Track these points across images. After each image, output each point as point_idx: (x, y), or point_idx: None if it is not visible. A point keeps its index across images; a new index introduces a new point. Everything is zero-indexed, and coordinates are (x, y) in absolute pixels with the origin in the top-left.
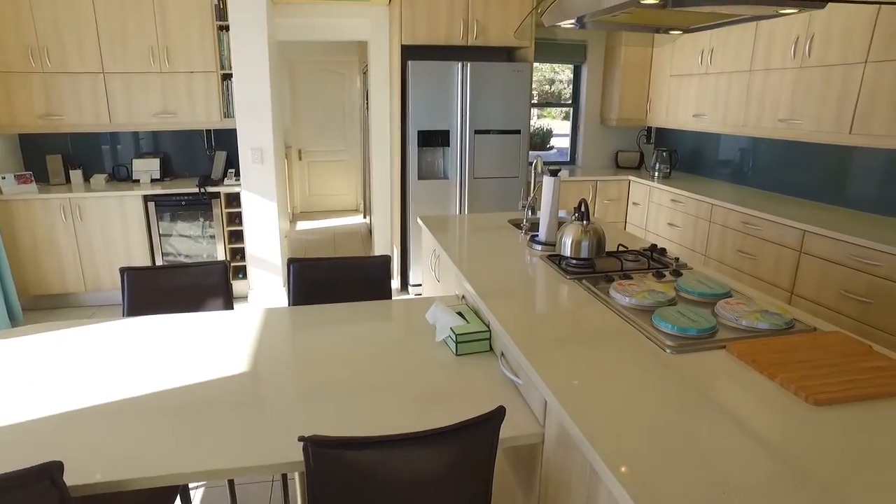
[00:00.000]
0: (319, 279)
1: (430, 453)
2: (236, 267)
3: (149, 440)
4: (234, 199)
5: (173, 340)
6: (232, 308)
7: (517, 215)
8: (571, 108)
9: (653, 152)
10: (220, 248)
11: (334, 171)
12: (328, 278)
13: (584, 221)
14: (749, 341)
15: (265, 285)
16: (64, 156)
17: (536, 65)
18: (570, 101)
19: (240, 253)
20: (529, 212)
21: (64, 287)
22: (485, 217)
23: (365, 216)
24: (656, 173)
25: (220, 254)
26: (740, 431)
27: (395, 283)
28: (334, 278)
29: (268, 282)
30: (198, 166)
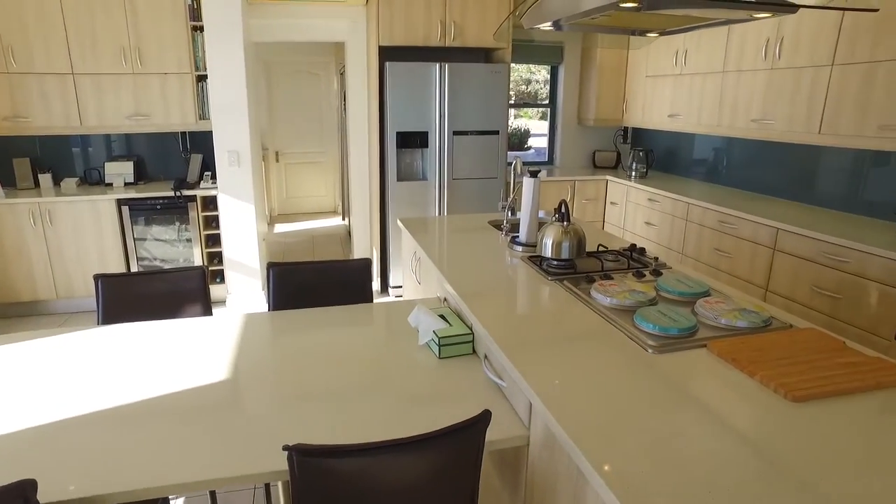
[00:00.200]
0: (300, 283)
1: (417, 459)
2: (214, 271)
3: (126, 453)
4: (210, 203)
5: (150, 348)
6: (211, 314)
7: (497, 216)
8: (549, 109)
9: (629, 152)
10: (196, 252)
11: (312, 173)
12: (309, 282)
13: (565, 222)
14: (729, 340)
15: (243, 289)
16: (32, 159)
17: (513, 65)
18: (547, 102)
19: (217, 257)
20: (509, 213)
21: (34, 294)
22: (465, 218)
23: (344, 218)
24: (633, 173)
25: (197, 258)
26: (724, 430)
27: (376, 285)
28: (315, 282)
29: (246, 286)
30: (173, 169)
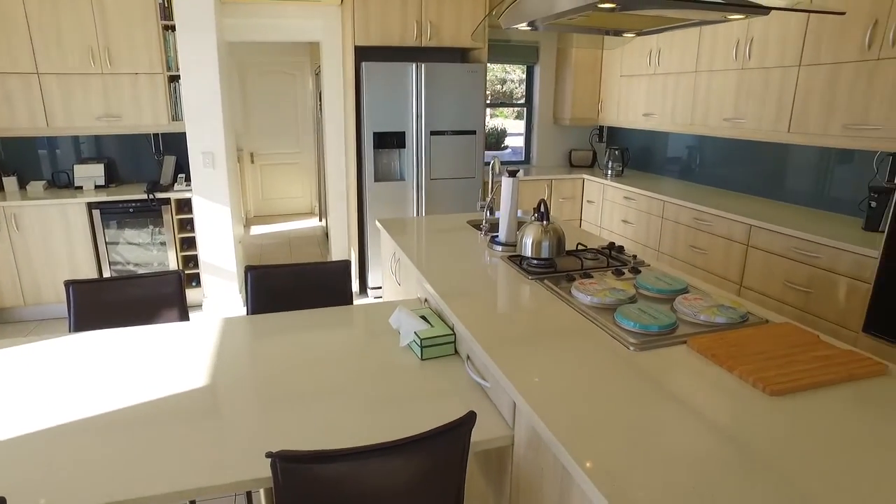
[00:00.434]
0: (278, 286)
1: (402, 463)
2: (189, 274)
3: (100, 464)
4: (185, 205)
5: (125, 356)
6: (188, 319)
7: (476, 216)
8: (525, 108)
9: (605, 151)
10: (171, 255)
11: (288, 175)
12: (287, 285)
13: (544, 221)
14: (708, 336)
15: (220, 293)
16: None
17: (489, 65)
18: (522, 101)
19: (192, 260)
20: (488, 212)
21: (0, 302)
22: (443, 218)
23: (321, 219)
24: (609, 171)
25: (172, 261)
26: (705, 425)
27: (354, 286)
28: (293, 285)
29: (223, 289)
30: (145, 171)
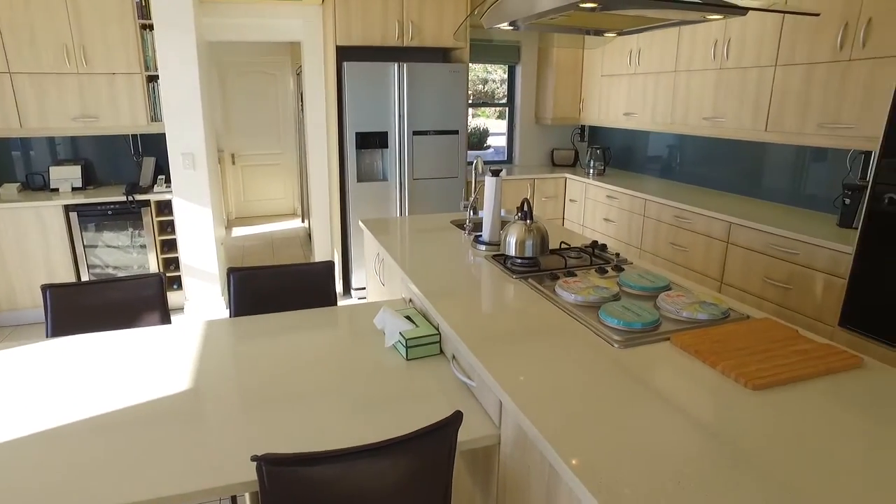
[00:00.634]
0: (261, 288)
1: (389, 463)
2: (170, 277)
3: (81, 471)
4: (165, 207)
5: (105, 360)
6: (169, 322)
7: (459, 216)
8: (507, 108)
9: (587, 150)
10: (151, 258)
11: (270, 175)
12: (270, 287)
13: (528, 220)
14: (690, 332)
15: (202, 295)
16: None
17: (471, 65)
18: (504, 101)
19: (173, 263)
20: (472, 212)
21: None
22: (427, 218)
23: (303, 220)
24: (591, 170)
25: (153, 264)
26: (689, 420)
27: (338, 287)
28: (277, 286)
29: (205, 291)
30: (124, 173)
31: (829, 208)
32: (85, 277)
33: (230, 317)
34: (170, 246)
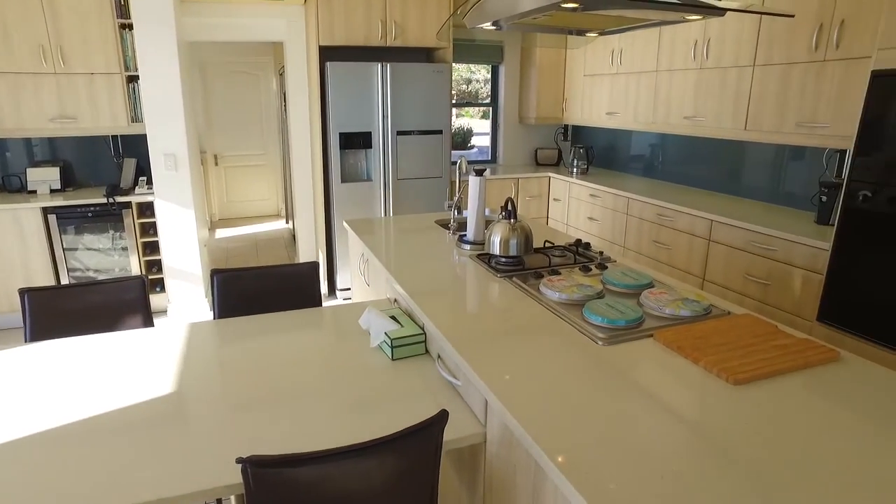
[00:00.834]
0: (246, 290)
1: (375, 463)
2: (153, 280)
3: (63, 476)
4: (147, 209)
5: (87, 364)
6: (152, 325)
7: (443, 216)
8: (491, 108)
9: (570, 149)
10: (133, 260)
11: (253, 176)
12: (255, 288)
13: (512, 219)
14: (673, 328)
15: (185, 298)
16: None
17: (454, 65)
18: (488, 101)
19: (156, 265)
20: (456, 212)
21: None
22: (411, 218)
23: (287, 221)
24: (574, 169)
25: (135, 267)
26: (673, 416)
27: (323, 288)
28: (261, 288)
29: (188, 294)
30: (104, 174)
31: (807, 206)
32: (65, 281)
33: (214, 319)
34: (152, 248)
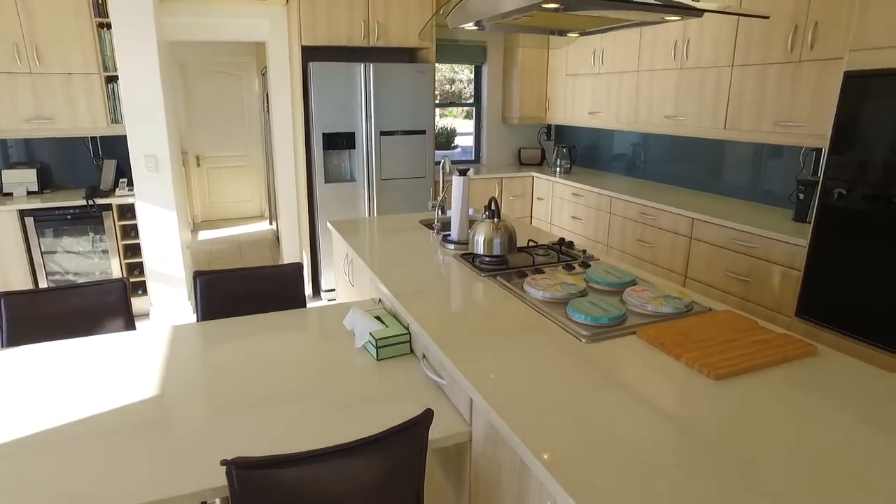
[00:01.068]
0: (229, 291)
1: (361, 463)
2: (135, 282)
3: (45, 482)
4: (128, 211)
5: (67, 369)
6: (134, 328)
7: (427, 216)
8: (474, 108)
9: (553, 149)
10: (114, 263)
11: (236, 177)
12: (238, 290)
13: (495, 219)
14: (656, 325)
15: (168, 300)
16: None
17: (437, 65)
18: (471, 101)
19: (138, 268)
20: (440, 212)
21: None
22: (395, 218)
23: (271, 222)
24: (558, 169)
25: (116, 269)
26: (656, 412)
27: (308, 289)
28: (245, 289)
29: (170, 296)
30: (84, 176)
31: (785, 203)
32: (43, 284)
33: (197, 321)
34: (133, 251)
